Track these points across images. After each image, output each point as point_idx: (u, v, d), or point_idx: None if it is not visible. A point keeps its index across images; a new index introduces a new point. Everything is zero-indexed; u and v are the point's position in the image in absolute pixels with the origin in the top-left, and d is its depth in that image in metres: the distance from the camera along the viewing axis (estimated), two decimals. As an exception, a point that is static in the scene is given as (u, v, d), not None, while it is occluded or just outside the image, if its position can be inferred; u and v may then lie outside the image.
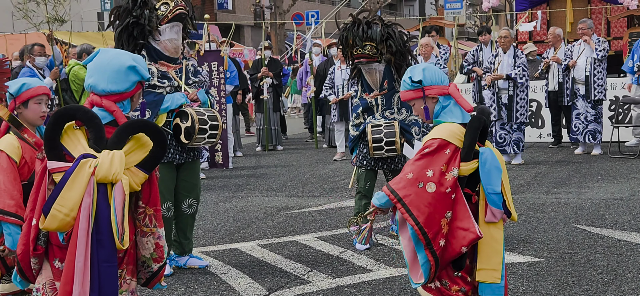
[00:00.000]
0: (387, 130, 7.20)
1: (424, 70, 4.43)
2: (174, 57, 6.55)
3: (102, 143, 3.74)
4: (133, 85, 3.94)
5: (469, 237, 4.12)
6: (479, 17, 47.09)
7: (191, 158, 6.63)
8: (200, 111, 6.39)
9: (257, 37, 38.73)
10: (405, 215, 4.10)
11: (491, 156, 4.20)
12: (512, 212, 4.29)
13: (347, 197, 9.98)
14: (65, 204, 3.62)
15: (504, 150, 12.30)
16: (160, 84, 6.39)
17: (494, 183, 4.18)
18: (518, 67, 12.01)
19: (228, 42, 14.83)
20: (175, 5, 6.45)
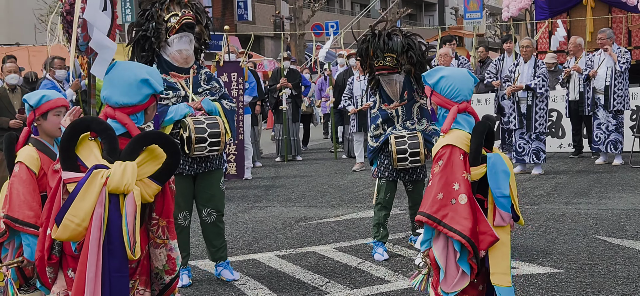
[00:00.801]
0: (411, 141, 7.17)
1: (441, 78, 4.44)
2: (185, 67, 6.57)
3: (115, 154, 3.75)
4: (146, 97, 3.96)
5: (488, 240, 4.14)
6: (499, 27, 46.97)
7: (206, 169, 6.61)
8: (200, 120, 6.34)
9: (277, 48, 38.83)
10: (450, 234, 4.12)
11: (499, 160, 4.21)
12: (520, 215, 4.29)
13: (365, 208, 9.96)
14: (77, 214, 3.64)
15: (523, 159, 12.24)
16: (165, 96, 6.41)
17: (502, 187, 4.18)
18: (538, 77, 11.96)
19: (247, 53, 14.88)
20: (183, 15, 6.48)
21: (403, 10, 45.16)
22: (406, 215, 8.79)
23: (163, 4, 6.57)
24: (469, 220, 4.11)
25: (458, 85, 4.42)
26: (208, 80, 6.68)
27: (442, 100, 4.41)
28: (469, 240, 4.10)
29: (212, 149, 6.39)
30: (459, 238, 4.10)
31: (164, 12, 6.53)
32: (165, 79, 6.45)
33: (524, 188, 10.89)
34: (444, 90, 4.40)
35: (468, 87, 4.46)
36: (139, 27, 6.58)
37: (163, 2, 6.58)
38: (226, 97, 6.77)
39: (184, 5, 6.63)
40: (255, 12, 43.03)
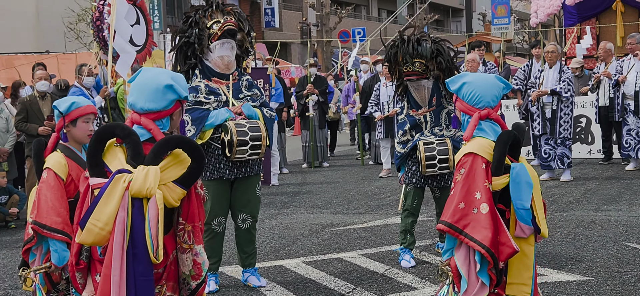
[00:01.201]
0: (440, 147, 7.13)
1: (464, 84, 4.41)
2: (226, 73, 6.61)
3: (139, 159, 3.78)
4: (171, 103, 3.98)
5: (507, 252, 4.10)
6: (528, 33, 46.69)
7: (244, 174, 6.62)
8: (242, 124, 6.38)
9: (304, 55, 38.89)
10: (470, 244, 4.10)
11: (522, 171, 4.16)
12: (542, 228, 4.23)
13: (392, 214, 9.93)
14: (100, 218, 3.67)
15: (549, 165, 12.13)
16: (206, 100, 6.46)
17: (524, 199, 4.14)
18: (563, 81, 11.86)
19: (274, 59, 14.92)
20: (225, 22, 6.54)
21: (430, 16, 45.04)
22: (433, 222, 8.74)
23: (206, 11, 6.65)
24: (489, 230, 4.07)
25: (480, 92, 4.38)
26: (249, 87, 6.73)
27: (465, 107, 4.38)
28: (489, 251, 4.06)
29: (253, 153, 6.41)
30: (479, 248, 4.07)
31: (206, 19, 6.63)
32: (208, 84, 6.51)
33: (552, 195, 10.80)
34: (466, 97, 4.38)
35: (492, 93, 4.41)
36: (182, 34, 6.68)
37: (206, 9, 6.66)
38: (266, 105, 6.82)
39: (226, 12, 6.71)
40: (282, 19, 43.20)
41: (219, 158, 6.51)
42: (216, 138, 6.47)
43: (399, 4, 51.43)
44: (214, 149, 6.51)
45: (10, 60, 21.62)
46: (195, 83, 6.56)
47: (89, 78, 11.24)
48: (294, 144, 19.84)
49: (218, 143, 6.47)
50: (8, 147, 10.92)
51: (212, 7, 6.68)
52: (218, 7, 6.69)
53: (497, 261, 4.09)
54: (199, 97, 6.47)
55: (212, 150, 6.51)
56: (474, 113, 4.34)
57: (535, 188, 4.22)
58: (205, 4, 6.74)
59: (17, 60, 21.09)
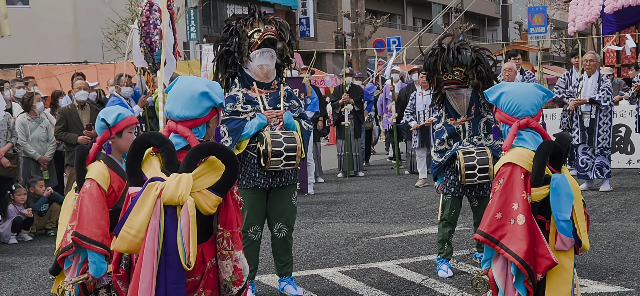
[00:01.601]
0: (479, 157, 7.07)
1: (502, 94, 4.39)
2: (266, 82, 6.63)
3: (173, 167, 3.82)
4: (206, 110, 4.02)
5: (545, 264, 4.06)
6: (565, 42, 46.30)
7: (280, 184, 6.63)
8: (277, 134, 6.39)
9: (339, 64, 38.93)
10: (505, 254, 4.08)
11: (563, 182, 4.12)
12: (584, 240, 4.18)
13: (429, 224, 9.89)
14: (133, 226, 3.73)
15: (586, 175, 12.00)
16: (243, 110, 6.48)
17: (564, 210, 4.09)
18: (602, 90, 11.74)
19: (309, 69, 14.95)
20: (265, 30, 6.57)
21: (466, 25, 44.84)
22: (471, 232, 8.69)
23: (247, 20, 6.68)
24: (525, 242, 4.04)
25: (518, 101, 4.35)
26: (288, 97, 6.73)
27: (504, 117, 4.36)
28: (523, 263, 4.02)
29: (288, 164, 6.42)
30: (513, 260, 4.04)
31: (247, 28, 6.66)
32: (246, 93, 6.54)
33: (592, 205, 10.68)
34: (504, 107, 4.36)
35: (531, 102, 4.38)
36: (223, 42, 6.72)
37: (247, 18, 6.70)
38: (304, 117, 6.81)
39: (267, 21, 6.74)
40: (317, 29, 43.29)
41: (254, 167, 6.53)
42: (252, 147, 6.50)
43: (434, 13, 51.31)
44: (250, 158, 6.53)
45: (50, 70, 21.94)
46: (234, 93, 6.59)
47: (127, 88, 11.36)
48: (330, 153, 19.86)
49: (254, 153, 6.50)
50: (48, 155, 11.06)
51: (254, 16, 6.72)
52: (259, 16, 6.73)
53: (532, 273, 4.05)
54: (236, 106, 6.50)
55: (248, 159, 6.53)
56: (513, 123, 4.32)
57: (576, 200, 4.17)
58: (247, 13, 6.78)
59: (56, 70, 21.40)
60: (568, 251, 4.18)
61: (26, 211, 10.28)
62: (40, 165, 10.97)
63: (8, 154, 10.31)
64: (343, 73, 16.24)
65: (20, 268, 8.64)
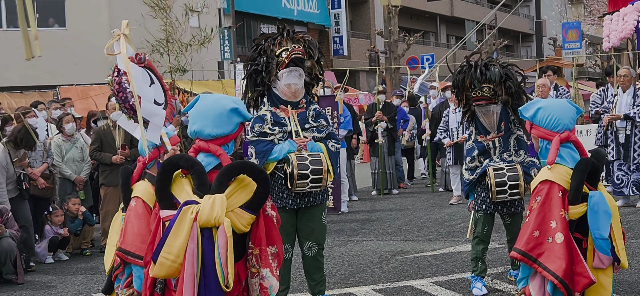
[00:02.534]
0: (510, 173, 7.03)
1: (539, 109, 4.37)
2: (294, 102, 6.64)
3: (205, 188, 3.82)
4: (237, 126, 4.05)
5: (583, 282, 4.02)
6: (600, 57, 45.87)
7: (308, 204, 6.63)
8: (303, 156, 6.37)
9: (372, 82, 38.92)
10: (544, 273, 4.05)
11: (601, 200, 4.08)
12: (622, 258, 4.13)
13: (463, 242, 9.83)
14: (171, 251, 3.73)
15: (622, 192, 11.85)
16: (271, 132, 6.49)
17: (602, 228, 4.05)
18: (637, 106, 11.61)
19: (343, 87, 14.97)
20: (292, 49, 6.58)
21: (500, 42, 44.62)
22: (505, 249, 8.62)
23: (275, 39, 6.69)
24: (563, 260, 4.01)
25: (557, 115, 4.33)
26: (316, 116, 6.71)
27: (543, 133, 4.33)
28: (562, 281, 3.99)
29: (314, 186, 6.41)
30: (552, 279, 4.00)
31: (276, 47, 6.66)
32: (274, 113, 6.56)
33: (628, 222, 10.55)
34: (542, 122, 4.33)
35: (569, 116, 4.37)
36: (252, 61, 6.75)
37: (275, 37, 6.71)
38: (333, 136, 6.78)
39: (296, 40, 6.74)
40: (350, 47, 43.34)
41: (281, 187, 6.53)
42: (280, 167, 6.51)
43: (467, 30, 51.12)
44: (277, 179, 6.53)
45: (86, 91, 22.20)
46: (262, 112, 6.61)
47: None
48: (364, 171, 19.83)
49: (282, 173, 6.50)
50: (84, 175, 11.18)
51: (282, 35, 6.74)
52: (288, 35, 6.74)
53: (570, 292, 4.02)
54: (264, 127, 6.51)
55: (276, 180, 6.54)
56: (554, 137, 4.28)
57: (614, 218, 4.14)
58: (276, 32, 6.80)
59: (92, 91, 21.64)
60: (606, 269, 4.14)
61: (62, 231, 10.40)
62: (76, 185, 11.09)
63: (44, 175, 10.45)
64: (376, 90, 16.24)
65: (56, 287, 8.73)
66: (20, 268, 9.15)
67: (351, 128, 14.04)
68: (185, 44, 18.24)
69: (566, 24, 37.41)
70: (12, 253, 8.99)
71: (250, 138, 6.57)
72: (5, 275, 9.04)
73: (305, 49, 6.74)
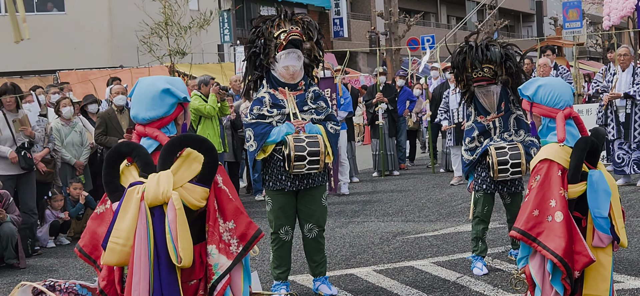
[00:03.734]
0: (512, 152, 7.03)
1: (539, 87, 4.36)
2: (292, 83, 6.62)
3: (150, 169, 3.74)
4: (171, 107, 3.95)
5: (582, 261, 4.03)
6: (600, 36, 45.77)
7: (307, 185, 6.62)
8: (300, 138, 6.37)
9: (373, 64, 38.88)
10: (543, 252, 4.05)
11: (600, 178, 4.08)
12: (622, 237, 4.14)
13: (464, 222, 9.84)
14: (120, 235, 3.64)
15: (623, 170, 11.85)
16: (269, 114, 6.49)
17: (602, 207, 4.05)
18: (637, 84, 11.60)
19: (343, 69, 14.95)
20: (290, 31, 6.55)
21: (500, 22, 44.51)
22: (505, 229, 8.63)
23: (274, 21, 6.66)
24: (563, 239, 4.01)
25: (558, 91, 4.33)
26: (315, 98, 6.69)
27: (545, 110, 4.31)
28: (562, 260, 4.00)
29: (312, 167, 6.41)
30: (552, 257, 4.01)
31: (274, 29, 6.62)
32: (273, 95, 6.54)
33: (629, 200, 10.56)
34: (544, 99, 4.32)
35: (568, 93, 4.38)
36: (251, 44, 6.71)
37: (274, 19, 6.68)
38: (332, 118, 6.76)
39: (294, 22, 6.70)
40: (350, 29, 43.28)
41: (280, 170, 6.53)
42: (278, 150, 6.50)
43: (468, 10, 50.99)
44: (276, 161, 6.53)
45: (86, 75, 22.21)
46: (261, 94, 6.60)
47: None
48: (365, 153, 19.85)
49: (280, 155, 6.50)
50: (83, 159, 11.18)
51: (280, 17, 6.71)
52: (285, 17, 6.71)
53: (570, 270, 4.02)
54: (262, 109, 6.50)
55: (275, 162, 6.54)
56: (557, 114, 4.27)
57: (613, 196, 4.14)
58: (275, 14, 6.77)
59: (91, 75, 21.65)
60: (606, 247, 4.15)
61: (63, 215, 10.42)
62: (77, 169, 11.09)
63: (45, 159, 10.45)
64: (377, 72, 16.22)
65: (57, 271, 8.76)
66: (22, 252, 9.17)
67: (351, 110, 14.03)
68: (185, 27, 18.24)
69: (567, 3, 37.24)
70: (13, 237, 9.00)
71: (248, 120, 6.57)
72: (7, 259, 9.06)
73: (304, 30, 6.71)
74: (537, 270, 4.17)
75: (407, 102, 16.43)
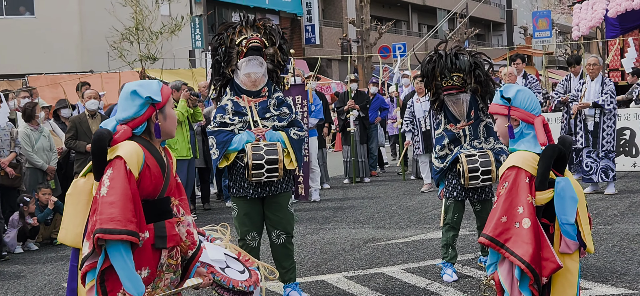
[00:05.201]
0: (482, 159, 7.09)
1: (518, 91, 4.42)
2: (255, 90, 6.61)
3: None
4: (141, 107, 4.07)
5: (550, 267, 4.07)
6: (569, 46, 46.26)
7: (270, 193, 6.60)
8: (259, 146, 6.35)
9: (344, 71, 38.98)
10: (511, 258, 4.09)
11: (567, 185, 4.13)
12: (588, 244, 4.19)
13: (434, 229, 9.89)
14: None
15: (591, 178, 11.98)
16: (231, 122, 6.47)
17: (568, 214, 4.10)
18: (605, 93, 11.75)
19: (314, 76, 14.97)
20: (250, 38, 6.54)
21: (471, 31, 44.87)
22: (475, 236, 8.69)
23: (235, 28, 6.64)
24: (530, 245, 4.05)
25: (534, 98, 4.42)
26: (278, 105, 6.66)
27: (524, 114, 4.36)
28: (529, 266, 4.03)
29: (271, 175, 6.38)
30: (519, 264, 4.05)
31: (235, 36, 6.60)
32: (236, 102, 6.53)
33: (596, 208, 10.67)
34: (523, 104, 4.37)
35: (538, 101, 4.46)
36: (214, 52, 6.69)
37: (235, 26, 6.66)
38: (296, 123, 6.71)
39: (256, 28, 6.68)
40: (322, 36, 43.36)
41: (243, 177, 6.51)
42: (241, 157, 6.49)
43: (439, 19, 51.32)
44: (239, 168, 6.52)
45: (56, 79, 22.00)
46: (224, 102, 6.58)
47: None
48: (336, 160, 19.87)
49: (243, 162, 6.48)
50: (53, 164, 11.09)
51: (242, 24, 6.69)
52: (247, 23, 6.70)
53: (538, 277, 4.06)
54: (224, 117, 6.49)
55: (237, 169, 6.53)
56: (536, 119, 4.33)
57: (580, 203, 4.19)
58: (239, 20, 6.75)
59: (61, 79, 21.46)
60: (573, 254, 4.19)
61: (32, 220, 10.31)
62: (48, 174, 11.00)
63: (12, 164, 10.35)
64: (348, 79, 16.26)
65: (25, 277, 8.67)
66: (-11, 258, 9.07)
67: (322, 116, 14.04)
68: (156, 32, 18.14)
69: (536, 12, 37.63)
70: (-20, 243, 8.90)
71: (211, 128, 6.55)
72: (-27, 265, 8.96)
73: (267, 35, 6.69)
74: (506, 276, 4.20)
75: (379, 109, 16.48)
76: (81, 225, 4.13)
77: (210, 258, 4.63)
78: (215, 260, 4.69)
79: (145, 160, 3.99)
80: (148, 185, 3.99)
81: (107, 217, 3.77)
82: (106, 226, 3.76)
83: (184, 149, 11.73)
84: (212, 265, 4.60)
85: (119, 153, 3.95)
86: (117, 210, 3.79)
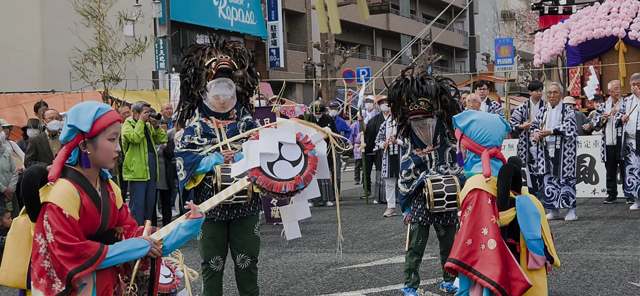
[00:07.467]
0: (447, 185, 7.12)
1: (472, 121, 4.43)
2: (223, 113, 6.58)
3: None
4: (69, 133, 3.97)
5: (519, 287, 4.09)
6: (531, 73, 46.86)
7: (237, 215, 6.56)
8: (228, 168, 6.26)
9: (309, 94, 39.02)
10: (479, 280, 4.09)
11: (528, 202, 4.17)
12: (554, 257, 4.23)
13: (396, 253, 9.90)
14: None
15: (552, 205, 12.09)
16: (200, 143, 6.43)
17: (534, 229, 4.14)
18: (566, 121, 11.90)
19: (279, 99, 14.97)
20: (219, 60, 6.51)
21: (434, 56, 45.23)
22: (438, 261, 8.72)
23: (205, 50, 6.61)
24: (498, 266, 4.07)
25: (488, 130, 4.40)
26: (247, 128, 6.61)
27: (472, 145, 4.39)
28: (498, 287, 4.05)
29: (240, 197, 6.33)
30: (488, 285, 4.06)
31: (205, 58, 6.56)
32: (205, 124, 6.48)
33: (557, 234, 10.77)
34: (474, 135, 4.39)
35: (499, 132, 4.45)
36: (183, 74, 6.64)
37: (205, 48, 6.63)
38: None
39: (226, 50, 6.65)
40: (287, 59, 43.39)
41: None
42: (208, 179, 6.43)
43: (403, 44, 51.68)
44: (206, 190, 6.45)
45: (16, 99, 21.74)
46: (192, 124, 6.52)
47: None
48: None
49: (210, 184, 6.43)
50: (12, 186, 10.91)
51: (211, 46, 6.67)
52: (216, 45, 6.67)
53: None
54: (193, 139, 6.43)
55: (205, 191, 6.46)
56: (483, 152, 4.35)
57: (542, 218, 4.23)
58: (208, 42, 6.72)
59: (22, 99, 21.20)
60: (540, 269, 4.21)
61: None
62: (5, 196, 10.81)
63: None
64: (313, 105, 16.27)
65: (-17, 299, 8.51)
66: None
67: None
68: (119, 53, 18.01)
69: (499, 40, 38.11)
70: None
71: (179, 149, 6.49)
72: None
73: (236, 58, 6.66)
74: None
75: (341, 132, 16.50)
76: (24, 266, 3.92)
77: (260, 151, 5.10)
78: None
79: (81, 200, 3.88)
80: (84, 224, 3.89)
81: (69, 260, 3.75)
82: (75, 266, 3.76)
83: (141, 171, 11.63)
84: None
85: (52, 199, 3.81)
86: (74, 252, 3.76)
